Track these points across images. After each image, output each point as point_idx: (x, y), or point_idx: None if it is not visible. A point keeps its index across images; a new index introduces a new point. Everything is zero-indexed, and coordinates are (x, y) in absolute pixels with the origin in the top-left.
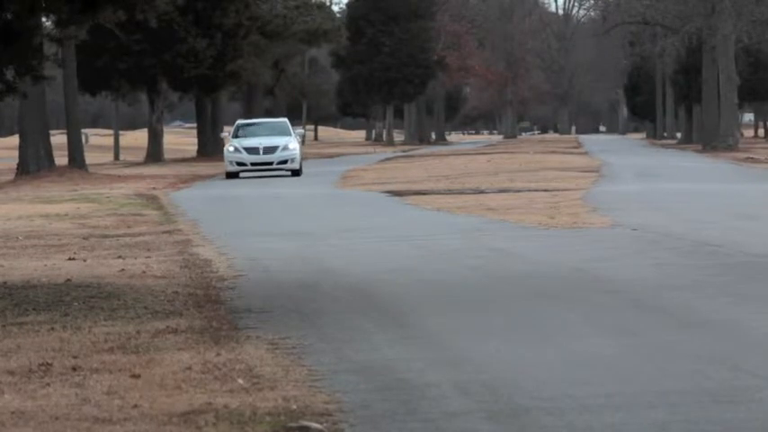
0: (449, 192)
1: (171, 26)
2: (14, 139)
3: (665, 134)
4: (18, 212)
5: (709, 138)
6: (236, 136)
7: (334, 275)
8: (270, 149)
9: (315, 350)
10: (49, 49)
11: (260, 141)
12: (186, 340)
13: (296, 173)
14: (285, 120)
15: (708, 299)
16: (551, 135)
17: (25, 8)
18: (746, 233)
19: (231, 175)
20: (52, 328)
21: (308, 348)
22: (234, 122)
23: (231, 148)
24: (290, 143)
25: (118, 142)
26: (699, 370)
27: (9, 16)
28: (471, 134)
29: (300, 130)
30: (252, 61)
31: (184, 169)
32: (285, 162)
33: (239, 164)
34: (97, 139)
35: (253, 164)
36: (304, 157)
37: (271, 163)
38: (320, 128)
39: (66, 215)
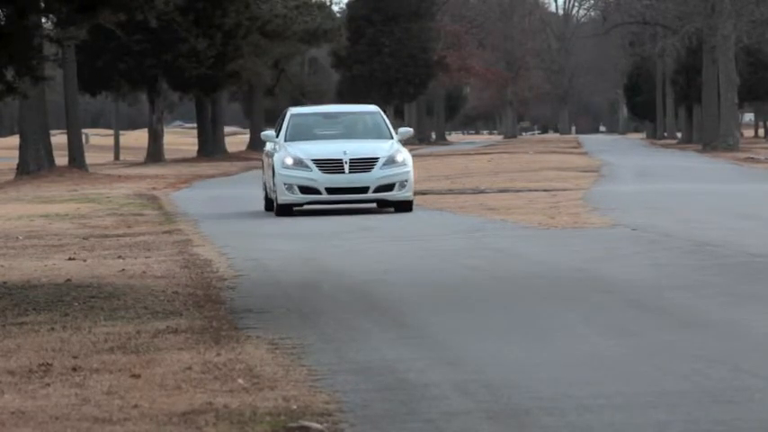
0: (449, 192)
1: (171, 26)
2: (14, 139)
3: (665, 134)
4: (18, 212)
5: (710, 138)
6: (291, 138)
7: (335, 275)
8: (363, 164)
9: (315, 350)
10: (49, 49)
11: (344, 148)
12: (186, 340)
13: (406, 207)
14: (376, 109)
15: (708, 299)
16: (551, 135)
17: (20, 9)
18: (746, 233)
19: (284, 211)
20: (52, 328)
21: (308, 348)
22: (236, 122)
23: (288, 160)
24: (398, 153)
25: (118, 142)
26: (699, 370)
27: (6, 17)
28: (471, 134)
29: (406, 129)
30: (252, 61)
31: (185, 169)
32: (390, 188)
33: (306, 189)
34: (97, 139)
35: (332, 190)
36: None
37: (365, 189)
38: None
39: (66, 215)
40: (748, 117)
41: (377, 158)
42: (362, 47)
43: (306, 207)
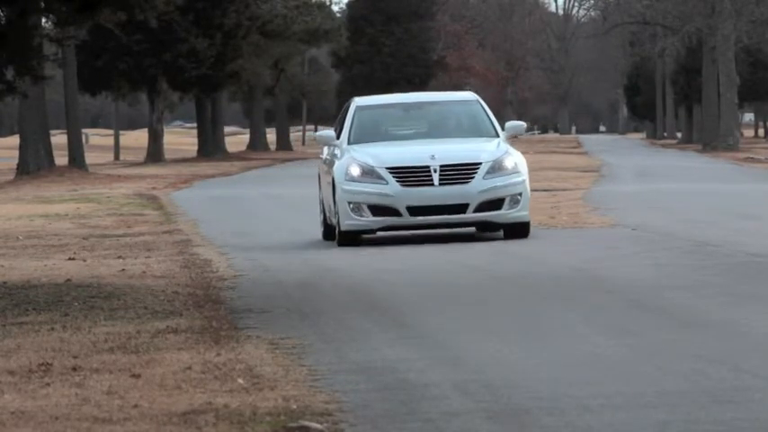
0: None
1: (171, 26)
2: (14, 139)
3: (665, 134)
4: (18, 212)
5: (710, 138)
6: (357, 139)
7: (335, 275)
8: (459, 173)
9: (315, 350)
10: (49, 49)
11: (431, 151)
12: (186, 340)
13: (521, 231)
14: (474, 96)
15: (708, 299)
16: (552, 135)
17: (21, 9)
18: (746, 233)
19: (349, 239)
20: (52, 328)
21: (308, 348)
22: (236, 122)
23: (354, 170)
24: (507, 156)
25: (118, 142)
26: (699, 370)
27: (6, 17)
28: None
29: (517, 123)
30: (252, 61)
31: (185, 169)
32: (498, 205)
33: (379, 210)
34: (97, 139)
35: (415, 210)
36: (305, 157)
37: (462, 208)
38: (320, 128)
39: (66, 215)
40: (748, 117)
41: (478, 164)
42: (362, 47)
43: (379, 234)
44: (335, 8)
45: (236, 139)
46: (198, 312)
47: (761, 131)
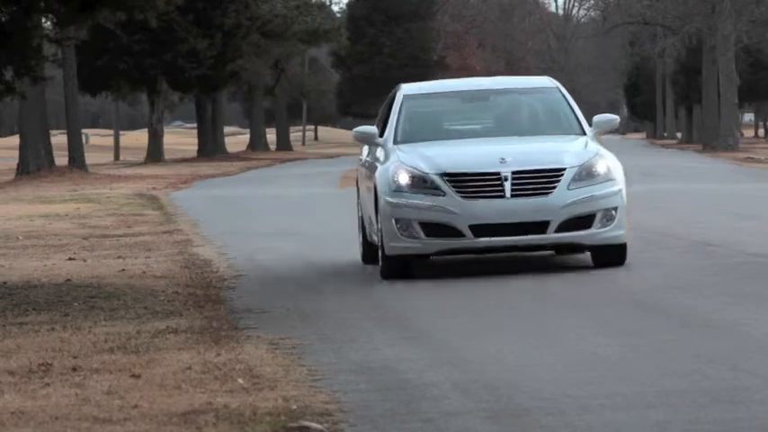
0: None
1: (171, 26)
2: (14, 139)
3: (665, 134)
4: (18, 212)
5: (710, 138)
6: (405, 137)
7: (335, 275)
8: (537, 181)
9: (315, 350)
10: (49, 49)
11: (501, 153)
12: (186, 340)
13: (616, 256)
14: (552, 82)
15: (707, 299)
16: None
17: (22, 9)
18: (746, 233)
19: (395, 267)
20: (52, 328)
21: (308, 348)
22: (236, 122)
23: (402, 177)
24: (597, 159)
25: (118, 142)
26: (699, 370)
27: (6, 17)
28: None
29: (608, 117)
30: (252, 61)
31: (185, 169)
32: (587, 222)
33: (435, 229)
34: (97, 139)
35: (481, 229)
36: (305, 157)
37: (542, 226)
38: (320, 128)
39: (66, 215)
40: (748, 117)
41: (561, 170)
42: (363, 47)
43: (434, 258)
44: (335, 8)
45: (236, 139)
46: (198, 312)
47: (761, 131)
